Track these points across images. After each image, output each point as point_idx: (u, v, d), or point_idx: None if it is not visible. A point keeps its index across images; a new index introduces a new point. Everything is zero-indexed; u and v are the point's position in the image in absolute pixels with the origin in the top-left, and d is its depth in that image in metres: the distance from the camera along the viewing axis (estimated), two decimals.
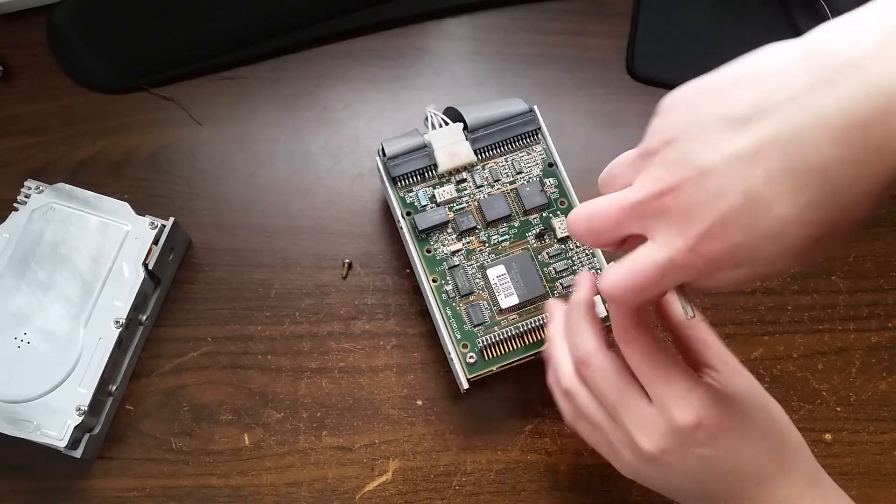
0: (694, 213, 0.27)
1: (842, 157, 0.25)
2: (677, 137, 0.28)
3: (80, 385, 0.43)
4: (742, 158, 0.26)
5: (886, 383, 0.49)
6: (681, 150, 0.28)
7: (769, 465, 0.35)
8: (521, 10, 0.56)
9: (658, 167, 0.29)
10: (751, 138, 0.26)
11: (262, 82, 0.53)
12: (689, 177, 0.27)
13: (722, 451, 0.34)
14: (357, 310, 0.49)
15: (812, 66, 0.26)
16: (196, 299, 0.49)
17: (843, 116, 0.24)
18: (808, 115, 0.25)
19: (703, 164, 0.27)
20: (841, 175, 0.25)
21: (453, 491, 0.46)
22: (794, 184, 0.25)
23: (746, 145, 0.26)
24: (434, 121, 0.46)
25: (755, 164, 0.26)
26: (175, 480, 0.46)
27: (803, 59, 0.26)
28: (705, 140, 0.27)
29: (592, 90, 0.55)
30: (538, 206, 0.45)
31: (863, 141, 0.24)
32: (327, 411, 0.47)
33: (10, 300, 0.44)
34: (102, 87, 0.52)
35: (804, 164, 0.25)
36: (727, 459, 0.35)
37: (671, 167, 0.28)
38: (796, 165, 0.25)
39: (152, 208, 0.47)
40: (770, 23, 0.57)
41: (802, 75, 0.26)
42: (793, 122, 0.25)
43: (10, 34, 0.53)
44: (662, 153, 0.29)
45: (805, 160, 0.25)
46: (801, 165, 0.25)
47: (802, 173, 0.25)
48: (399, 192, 0.45)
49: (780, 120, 0.26)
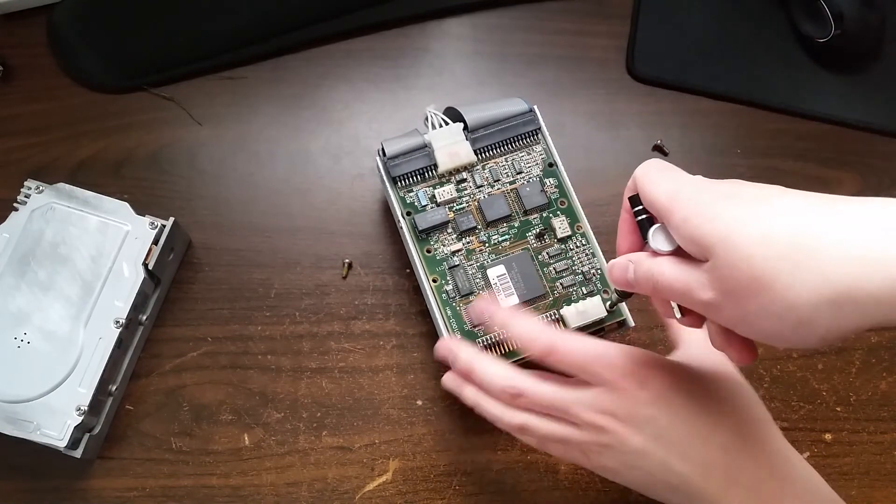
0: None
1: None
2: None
3: (80, 385, 0.43)
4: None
5: (886, 383, 0.49)
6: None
7: (731, 440, 0.35)
8: (521, 10, 0.56)
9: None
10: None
11: (262, 82, 0.53)
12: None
13: (673, 415, 0.35)
14: (357, 310, 0.49)
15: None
16: (196, 299, 0.49)
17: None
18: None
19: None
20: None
21: (453, 491, 0.46)
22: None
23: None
24: (434, 121, 0.46)
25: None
26: (175, 480, 0.46)
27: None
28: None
29: (592, 90, 0.55)
30: (538, 206, 0.45)
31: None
32: (327, 411, 0.47)
33: (10, 300, 0.44)
34: (102, 87, 0.52)
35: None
36: (682, 430, 0.35)
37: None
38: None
39: (152, 208, 0.47)
40: (770, 23, 0.57)
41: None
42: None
43: (10, 34, 0.53)
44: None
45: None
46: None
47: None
48: (399, 192, 0.45)
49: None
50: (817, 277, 0.27)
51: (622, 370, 0.35)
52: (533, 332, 0.38)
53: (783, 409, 0.48)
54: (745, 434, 0.36)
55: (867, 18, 0.54)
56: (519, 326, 0.38)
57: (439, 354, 0.41)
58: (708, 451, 0.35)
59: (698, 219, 0.30)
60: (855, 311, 0.27)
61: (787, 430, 0.48)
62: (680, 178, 0.33)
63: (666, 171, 0.34)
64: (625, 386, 0.35)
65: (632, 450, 0.35)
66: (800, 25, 0.56)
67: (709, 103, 0.55)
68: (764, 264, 0.28)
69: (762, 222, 0.28)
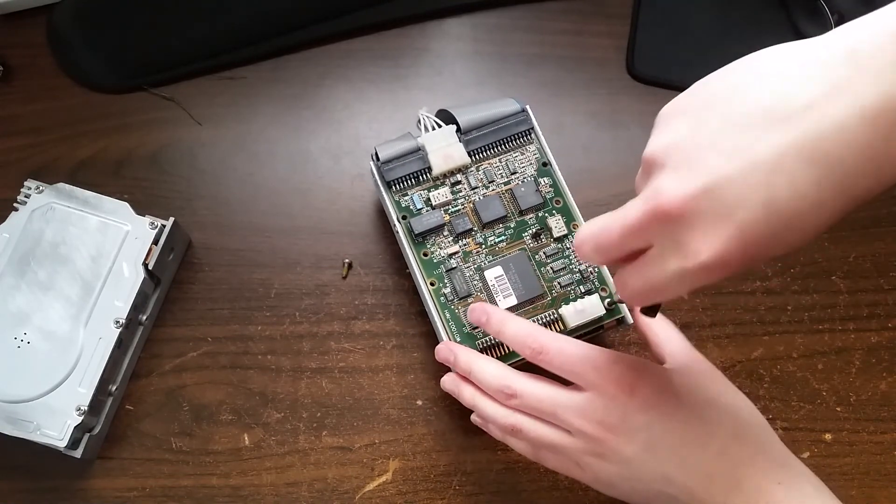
0: (709, 225, 0.26)
1: (863, 170, 0.25)
2: (684, 146, 0.27)
3: (80, 385, 0.43)
4: (763, 167, 0.25)
5: (886, 383, 0.49)
6: (689, 159, 0.27)
7: (729, 445, 0.35)
8: (521, 10, 0.56)
9: (665, 178, 0.27)
10: (772, 144, 0.25)
11: (262, 82, 0.53)
12: (702, 186, 0.26)
13: (666, 422, 0.34)
14: (357, 310, 0.49)
15: (829, 73, 0.25)
16: (196, 299, 0.49)
17: (864, 127, 0.24)
18: (829, 124, 0.25)
19: (717, 173, 0.26)
20: (860, 187, 0.25)
21: (453, 491, 0.46)
22: (819, 196, 0.25)
23: (768, 153, 0.25)
24: (427, 123, 0.46)
25: (777, 173, 0.25)
26: (175, 480, 0.46)
27: (820, 65, 0.25)
28: (718, 145, 0.26)
29: (592, 90, 0.55)
30: (533, 206, 0.45)
31: (883, 151, 0.24)
32: (327, 411, 0.47)
33: (10, 300, 0.44)
34: (102, 87, 0.52)
35: (828, 178, 0.25)
36: (677, 437, 0.34)
37: (680, 177, 0.27)
38: (820, 179, 0.25)
39: (152, 208, 0.47)
40: (770, 23, 0.57)
41: (820, 81, 0.25)
42: (814, 130, 0.25)
43: (10, 34, 0.53)
44: (669, 163, 0.27)
45: (829, 172, 0.25)
46: (825, 179, 0.25)
47: (826, 186, 0.25)
48: (394, 196, 0.45)
49: (801, 126, 0.25)
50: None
51: (611, 375, 0.35)
52: (525, 334, 0.38)
53: (783, 409, 0.48)
54: (743, 439, 0.35)
55: None
56: (512, 328, 0.39)
57: (440, 356, 0.42)
58: (707, 459, 0.34)
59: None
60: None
61: (787, 430, 0.48)
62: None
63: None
64: (614, 392, 0.35)
65: (626, 459, 0.35)
66: (800, 25, 0.56)
67: None
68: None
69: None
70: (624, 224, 0.29)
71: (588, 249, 0.31)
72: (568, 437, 0.36)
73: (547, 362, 0.37)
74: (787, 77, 0.26)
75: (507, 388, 0.37)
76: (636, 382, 0.35)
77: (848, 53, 0.25)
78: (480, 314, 0.41)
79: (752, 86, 0.26)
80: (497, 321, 0.40)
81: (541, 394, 0.37)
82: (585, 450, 0.36)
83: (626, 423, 0.35)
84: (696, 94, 0.28)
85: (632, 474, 0.35)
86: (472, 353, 0.40)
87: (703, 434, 0.35)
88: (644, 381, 0.35)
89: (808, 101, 0.25)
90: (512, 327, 0.39)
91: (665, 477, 0.35)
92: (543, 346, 0.37)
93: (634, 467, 0.35)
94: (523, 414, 0.38)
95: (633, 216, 0.28)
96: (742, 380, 0.48)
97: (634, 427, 0.35)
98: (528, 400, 0.37)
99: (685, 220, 0.27)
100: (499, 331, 0.39)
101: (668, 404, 0.35)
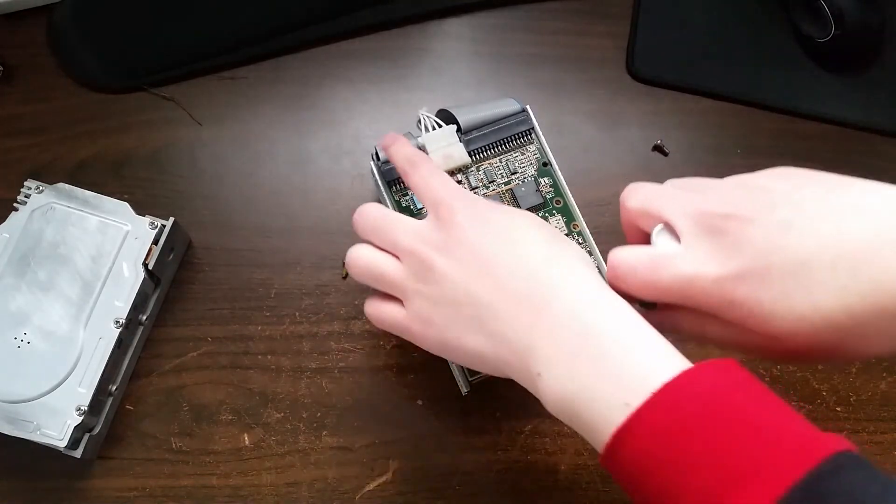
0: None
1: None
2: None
3: (80, 385, 0.43)
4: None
5: (886, 383, 0.49)
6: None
7: (543, 265, 0.34)
8: (520, 10, 0.56)
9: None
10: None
11: (262, 82, 0.53)
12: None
13: (482, 238, 0.34)
14: (357, 310, 0.49)
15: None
16: (196, 299, 0.49)
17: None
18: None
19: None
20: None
21: (453, 491, 0.46)
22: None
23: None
24: (427, 123, 0.46)
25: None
26: (175, 480, 0.46)
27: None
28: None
29: (592, 90, 0.55)
30: (534, 206, 0.45)
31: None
32: (327, 411, 0.47)
33: (10, 300, 0.44)
34: (102, 87, 0.52)
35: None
36: (489, 252, 0.34)
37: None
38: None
39: (152, 208, 0.47)
40: (770, 23, 0.57)
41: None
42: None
43: (10, 34, 0.52)
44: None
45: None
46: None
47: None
48: (394, 196, 0.45)
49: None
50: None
51: (447, 198, 0.36)
52: (405, 153, 0.39)
53: None
54: (554, 259, 0.34)
55: (867, 18, 0.54)
56: (398, 150, 0.40)
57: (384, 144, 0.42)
58: (519, 278, 0.33)
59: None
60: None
61: None
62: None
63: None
64: (445, 215, 0.35)
65: (441, 277, 0.34)
66: (800, 25, 0.56)
67: (709, 103, 0.55)
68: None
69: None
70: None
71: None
72: (397, 263, 0.37)
73: (408, 183, 0.39)
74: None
75: (361, 208, 0.39)
76: (467, 205, 0.36)
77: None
78: (390, 140, 0.41)
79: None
80: (387, 142, 0.41)
81: (378, 211, 0.38)
82: (410, 274, 0.36)
83: (447, 241, 0.35)
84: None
85: (445, 296, 0.34)
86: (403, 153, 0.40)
87: (519, 249, 0.34)
88: (473, 204, 0.36)
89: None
90: (396, 151, 0.40)
91: (469, 293, 0.34)
92: (413, 166, 0.38)
93: (448, 287, 0.34)
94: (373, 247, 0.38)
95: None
96: None
97: (453, 243, 0.35)
98: (367, 214, 0.38)
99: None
100: (386, 150, 0.41)
101: (489, 226, 0.35)
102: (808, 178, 0.31)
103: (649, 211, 0.33)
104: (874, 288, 0.27)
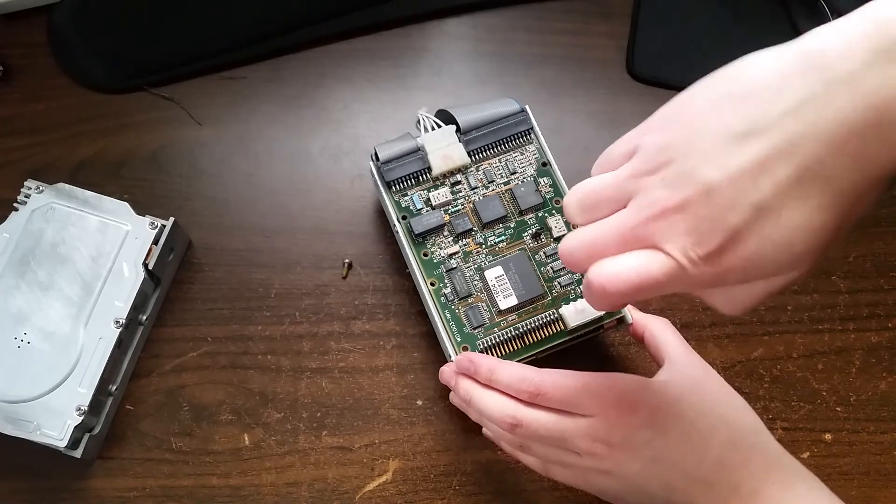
0: (705, 229, 0.27)
1: (843, 165, 0.26)
2: (675, 157, 0.28)
3: (80, 385, 0.43)
4: (748, 172, 0.27)
5: (886, 383, 0.49)
6: (682, 168, 0.28)
7: (726, 453, 0.36)
8: (521, 10, 0.56)
9: (658, 187, 0.29)
10: (754, 152, 0.27)
11: (262, 82, 0.53)
12: (696, 193, 0.27)
13: (666, 437, 0.36)
14: (357, 310, 0.49)
15: (805, 81, 0.26)
16: (196, 299, 0.49)
17: (839, 129, 0.25)
18: (806, 128, 0.26)
19: (709, 180, 0.27)
20: (844, 180, 0.26)
21: (453, 491, 0.46)
22: (802, 192, 0.26)
23: (751, 159, 0.27)
24: (426, 123, 0.46)
25: (762, 176, 0.26)
26: (175, 480, 0.46)
27: (795, 74, 0.27)
28: (707, 157, 0.27)
29: (592, 90, 0.55)
30: (533, 206, 0.45)
31: (860, 150, 0.25)
32: (327, 411, 0.47)
33: (10, 300, 0.44)
34: (102, 87, 0.52)
35: (809, 173, 0.26)
36: (677, 450, 0.36)
37: (674, 186, 0.28)
38: (802, 175, 0.26)
39: (152, 208, 0.47)
40: (770, 23, 0.57)
41: (796, 89, 0.26)
42: (792, 134, 0.26)
43: (10, 34, 0.53)
44: (661, 173, 0.29)
45: (809, 169, 0.26)
46: (806, 174, 0.26)
47: (809, 181, 0.26)
48: (394, 197, 0.45)
49: (780, 133, 0.26)
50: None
51: (610, 400, 0.36)
52: (518, 378, 0.38)
53: (783, 409, 0.48)
54: (739, 444, 0.36)
55: None
56: (504, 375, 0.39)
57: (443, 379, 0.43)
58: (705, 468, 0.35)
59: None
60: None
61: (787, 431, 0.48)
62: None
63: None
64: (615, 415, 0.36)
65: (631, 474, 0.36)
66: (800, 25, 0.56)
67: None
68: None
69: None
70: (622, 231, 0.30)
71: (581, 257, 0.31)
72: (576, 456, 0.37)
73: (546, 401, 0.37)
74: (768, 86, 0.27)
75: (512, 418, 0.38)
76: (635, 402, 0.36)
77: (818, 57, 0.26)
78: (467, 365, 0.40)
79: (736, 95, 0.28)
80: (486, 370, 0.40)
81: (546, 422, 0.37)
82: (593, 468, 0.37)
83: (629, 441, 0.36)
84: (683, 104, 0.31)
85: (637, 488, 0.37)
86: (468, 384, 0.40)
87: (700, 445, 0.36)
88: (642, 400, 0.37)
89: (785, 110, 0.26)
90: (503, 374, 0.39)
91: (668, 487, 0.36)
92: (539, 388, 0.37)
93: (640, 481, 0.36)
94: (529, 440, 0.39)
95: (630, 222, 0.29)
96: (742, 380, 0.48)
97: (637, 444, 0.36)
98: (532, 429, 0.38)
99: (681, 225, 0.28)
100: (489, 378, 0.40)
101: (666, 419, 0.36)
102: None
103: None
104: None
